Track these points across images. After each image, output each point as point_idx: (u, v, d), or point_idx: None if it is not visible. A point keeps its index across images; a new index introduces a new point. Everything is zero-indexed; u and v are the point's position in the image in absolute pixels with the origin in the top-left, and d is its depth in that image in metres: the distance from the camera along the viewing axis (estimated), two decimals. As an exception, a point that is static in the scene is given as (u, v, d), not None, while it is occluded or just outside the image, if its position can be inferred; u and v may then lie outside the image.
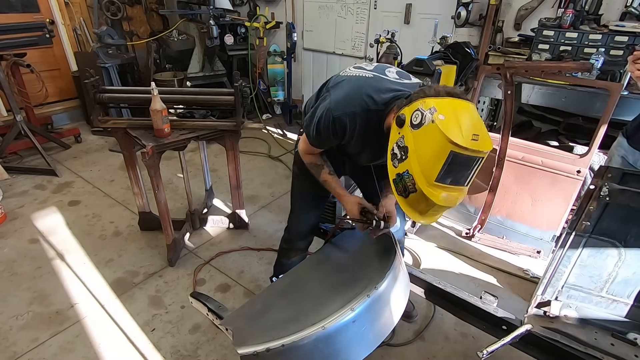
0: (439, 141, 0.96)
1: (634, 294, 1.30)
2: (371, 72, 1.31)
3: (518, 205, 2.45)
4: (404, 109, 1.07)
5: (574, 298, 1.39)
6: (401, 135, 1.07)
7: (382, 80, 1.28)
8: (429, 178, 1.00)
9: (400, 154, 1.07)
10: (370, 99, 1.22)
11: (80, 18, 4.45)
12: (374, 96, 1.22)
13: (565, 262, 1.33)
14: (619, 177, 1.19)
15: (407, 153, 1.04)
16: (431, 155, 0.99)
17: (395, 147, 1.09)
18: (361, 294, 1.17)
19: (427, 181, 1.01)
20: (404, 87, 1.26)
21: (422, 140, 1.01)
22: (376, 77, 1.28)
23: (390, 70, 1.35)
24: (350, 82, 1.30)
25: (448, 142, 0.94)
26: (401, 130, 1.07)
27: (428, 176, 1.00)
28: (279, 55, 4.79)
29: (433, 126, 0.97)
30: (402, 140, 1.06)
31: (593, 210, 1.22)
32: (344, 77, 1.35)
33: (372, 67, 1.37)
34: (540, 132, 3.09)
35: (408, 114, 1.05)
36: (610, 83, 2.12)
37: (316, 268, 1.56)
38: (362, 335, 1.15)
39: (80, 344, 1.84)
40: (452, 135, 0.94)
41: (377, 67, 1.36)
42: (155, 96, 2.00)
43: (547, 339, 1.31)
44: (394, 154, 1.10)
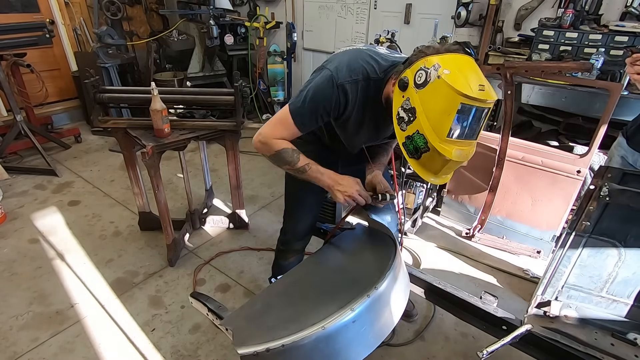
0: (448, 94, 0.97)
1: (634, 294, 1.30)
2: (365, 46, 1.31)
3: (518, 205, 2.45)
4: (406, 72, 1.08)
5: (574, 298, 1.39)
6: (406, 97, 1.07)
7: (377, 53, 1.27)
8: (441, 134, 1.01)
9: (407, 117, 1.07)
10: (370, 66, 1.21)
11: (80, 18, 4.46)
12: (374, 64, 1.21)
13: (565, 262, 1.33)
14: (619, 177, 1.19)
15: (414, 114, 1.05)
16: (441, 110, 0.99)
17: (401, 110, 1.09)
18: (361, 294, 1.17)
19: (439, 138, 1.02)
20: (397, 59, 1.25)
21: (429, 97, 1.01)
22: (369, 49, 1.28)
23: (380, 48, 1.35)
24: (348, 53, 1.28)
25: (457, 94, 0.95)
26: (405, 93, 1.07)
27: (439, 132, 1.01)
28: (279, 55, 4.79)
29: (440, 81, 0.98)
30: (407, 102, 1.06)
31: (593, 210, 1.22)
32: (338, 52, 1.32)
33: (362, 44, 1.36)
34: (540, 132, 3.09)
35: (411, 76, 1.05)
36: (610, 83, 2.12)
37: (316, 268, 1.56)
38: (362, 335, 1.15)
39: (80, 344, 1.84)
40: (460, 86, 0.95)
41: (368, 46, 1.36)
42: (155, 96, 2.00)
43: (547, 339, 1.31)
44: (400, 117, 1.10)
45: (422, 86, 1.02)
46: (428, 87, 1.01)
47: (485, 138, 2.46)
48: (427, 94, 1.02)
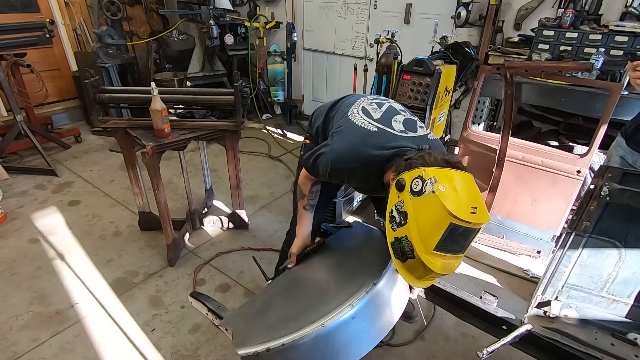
0: (439, 212, 0.97)
1: (634, 293, 1.30)
2: (376, 125, 1.31)
3: (518, 205, 2.45)
4: (405, 174, 1.08)
5: (574, 298, 1.39)
6: (400, 199, 1.08)
7: (385, 134, 1.28)
8: (428, 246, 1.01)
9: (399, 219, 1.08)
10: (370, 155, 1.24)
11: (80, 18, 4.45)
12: (375, 153, 1.23)
13: (566, 262, 1.34)
14: (619, 177, 1.19)
15: (406, 219, 1.05)
16: (431, 225, 1.00)
17: (395, 210, 1.09)
18: (360, 290, 1.17)
19: (425, 249, 1.02)
20: (408, 142, 1.26)
21: (422, 208, 1.02)
22: (380, 132, 1.28)
23: (397, 119, 1.35)
24: (353, 133, 1.31)
25: (448, 214, 0.96)
26: (401, 195, 1.08)
27: (427, 244, 1.01)
28: (279, 55, 4.79)
29: (433, 197, 0.99)
30: (401, 204, 1.07)
31: (593, 210, 1.22)
32: (349, 123, 1.35)
33: (380, 114, 1.36)
34: (540, 132, 3.10)
35: (408, 180, 1.06)
36: (610, 83, 2.12)
37: (314, 267, 1.56)
38: (362, 332, 1.15)
39: (80, 344, 1.84)
40: (452, 208, 0.95)
41: (384, 116, 1.35)
42: (155, 96, 2.00)
43: (547, 339, 1.31)
44: (392, 217, 1.11)
45: (417, 195, 1.03)
46: (422, 198, 1.02)
47: (485, 138, 2.46)
48: (420, 204, 1.02)
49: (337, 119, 1.46)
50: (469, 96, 3.46)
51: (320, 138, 1.61)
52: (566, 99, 2.42)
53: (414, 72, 2.38)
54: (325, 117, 1.57)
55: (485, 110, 3.18)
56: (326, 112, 1.58)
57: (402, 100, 2.42)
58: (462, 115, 3.32)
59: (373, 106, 1.41)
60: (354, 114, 1.39)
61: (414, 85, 2.39)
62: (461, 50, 2.69)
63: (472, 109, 2.46)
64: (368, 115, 1.36)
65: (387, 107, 1.41)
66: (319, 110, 1.66)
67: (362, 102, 1.44)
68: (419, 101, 2.37)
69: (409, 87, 2.40)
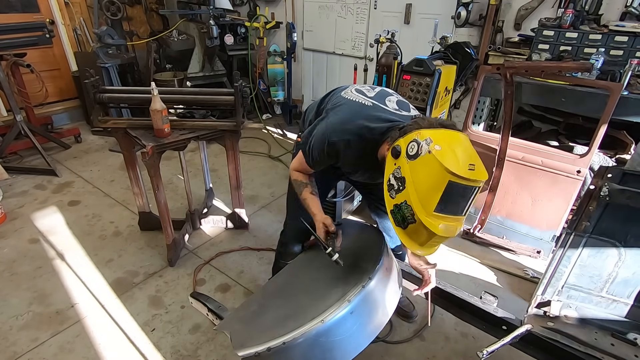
0: (437, 171, 0.97)
1: (634, 294, 1.30)
2: (371, 100, 1.32)
3: (518, 205, 2.45)
4: (399, 140, 1.08)
5: (574, 298, 1.39)
6: (397, 166, 1.07)
7: (380, 109, 1.29)
8: (428, 208, 1.00)
9: (397, 185, 1.07)
10: (366, 127, 1.23)
11: (80, 18, 4.45)
12: (370, 125, 1.23)
13: (565, 262, 1.34)
14: (619, 177, 1.19)
15: (404, 184, 1.05)
16: (429, 185, 0.99)
17: (392, 177, 1.09)
18: (356, 285, 1.19)
19: (425, 211, 1.01)
20: (402, 118, 1.27)
21: (419, 170, 1.01)
22: (375, 106, 1.29)
23: (390, 99, 1.36)
24: (348, 106, 1.32)
25: (446, 171, 0.95)
26: (397, 161, 1.07)
27: (427, 206, 1.00)
28: (279, 55, 4.79)
29: (430, 156, 0.98)
30: (398, 171, 1.07)
31: (593, 211, 1.22)
32: (344, 99, 1.36)
33: (373, 93, 1.37)
34: (540, 132, 3.09)
35: (404, 145, 1.06)
36: (610, 83, 2.12)
37: (308, 265, 1.57)
38: (360, 326, 1.16)
39: (81, 344, 1.84)
40: (450, 165, 0.95)
41: (378, 95, 1.37)
42: (155, 96, 2.00)
43: (547, 339, 1.31)
44: (390, 184, 1.10)
45: (414, 158, 1.02)
46: (419, 160, 1.01)
47: (485, 138, 2.46)
48: (417, 166, 1.02)
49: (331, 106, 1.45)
50: (469, 96, 3.46)
51: None
52: (566, 99, 2.41)
53: (414, 72, 2.38)
54: (317, 110, 1.57)
55: (485, 110, 3.18)
56: (317, 106, 1.58)
57: (402, 100, 2.42)
58: (462, 115, 3.32)
59: (366, 87, 1.43)
60: (348, 93, 1.40)
61: (414, 85, 2.39)
62: (461, 50, 2.69)
63: (472, 109, 2.46)
64: (362, 93, 1.37)
65: (380, 89, 1.44)
66: (311, 107, 1.67)
67: (355, 86, 1.46)
68: (419, 101, 2.37)
69: (409, 87, 2.40)
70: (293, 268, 1.57)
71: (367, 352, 1.19)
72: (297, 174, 1.50)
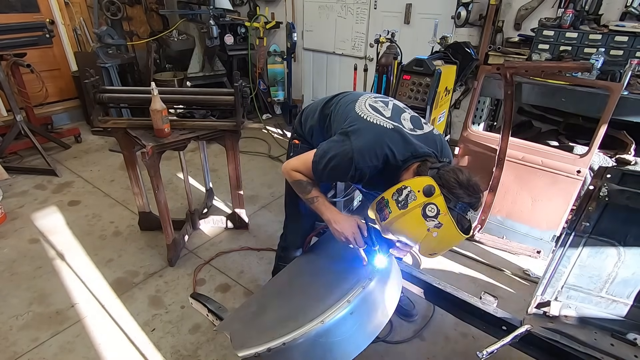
0: (416, 230, 1.12)
1: (634, 294, 1.30)
2: (390, 122, 1.30)
3: (518, 205, 2.45)
4: (435, 195, 1.09)
5: (573, 298, 1.39)
6: (425, 202, 1.10)
7: (401, 132, 1.29)
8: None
9: (431, 216, 1.11)
10: (391, 153, 1.25)
11: (80, 18, 4.45)
12: (395, 151, 1.25)
13: (565, 263, 1.34)
14: (618, 177, 1.19)
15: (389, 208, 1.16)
16: (406, 228, 1.15)
17: (427, 208, 1.10)
18: (356, 286, 1.19)
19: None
20: (419, 140, 1.30)
21: (406, 217, 1.12)
22: (396, 129, 1.29)
23: (405, 117, 1.36)
24: (371, 131, 1.28)
25: (415, 239, 1.14)
26: (428, 199, 1.09)
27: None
28: (279, 55, 4.79)
29: (419, 218, 1.10)
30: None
31: (592, 211, 1.22)
32: (362, 120, 1.32)
33: (389, 112, 1.36)
34: (540, 132, 3.09)
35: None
36: (610, 83, 2.12)
37: (308, 265, 1.57)
38: (360, 327, 1.17)
39: (81, 344, 1.85)
40: (424, 245, 1.14)
41: (394, 114, 1.36)
42: (155, 96, 2.00)
43: (547, 340, 1.31)
44: (425, 215, 1.12)
45: (404, 207, 1.12)
46: (409, 210, 1.11)
47: (485, 138, 2.46)
48: (406, 214, 1.12)
49: (340, 117, 1.41)
50: (469, 96, 3.46)
51: (315, 137, 1.56)
52: (566, 99, 2.41)
53: (414, 72, 2.38)
54: (319, 115, 1.54)
55: (485, 110, 3.18)
56: (320, 110, 1.54)
57: (402, 100, 2.41)
58: (462, 115, 3.32)
59: (380, 104, 1.40)
60: (363, 111, 1.35)
61: (414, 85, 2.39)
62: (461, 50, 2.69)
63: (472, 109, 2.46)
64: (379, 112, 1.35)
65: (393, 105, 1.42)
66: (310, 109, 1.63)
67: (366, 99, 1.42)
68: (419, 101, 2.37)
69: (409, 87, 2.40)
70: (293, 268, 1.57)
71: (367, 352, 1.19)
72: (299, 174, 1.43)
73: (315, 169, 1.32)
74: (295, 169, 1.41)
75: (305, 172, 1.38)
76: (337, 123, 1.41)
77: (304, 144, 1.64)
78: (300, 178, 1.40)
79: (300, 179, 1.41)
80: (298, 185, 1.42)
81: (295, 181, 1.42)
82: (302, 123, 1.64)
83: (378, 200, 1.20)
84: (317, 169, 1.32)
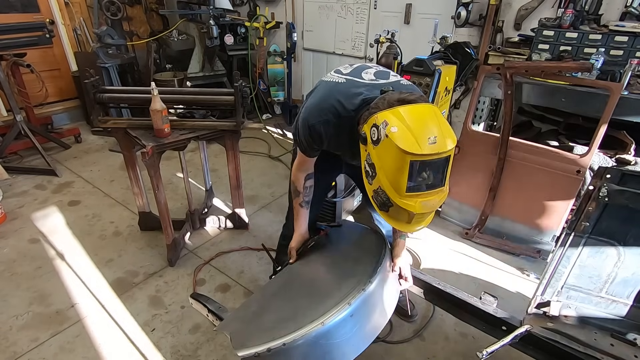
0: (396, 154, 0.96)
1: (634, 294, 1.30)
2: (345, 77, 1.29)
3: (518, 205, 2.45)
4: (364, 126, 1.08)
5: (573, 298, 1.39)
6: (367, 152, 1.08)
7: (354, 83, 1.26)
8: (400, 191, 1.01)
9: (371, 171, 1.08)
10: (339, 104, 1.22)
11: (80, 18, 4.45)
12: (344, 102, 1.21)
13: (565, 263, 1.34)
14: (618, 177, 1.19)
15: (375, 170, 1.06)
16: (394, 169, 0.99)
17: (366, 164, 1.10)
18: (356, 288, 1.19)
19: (399, 194, 1.01)
20: (376, 88, 1.22)
21: (383, 155, 1.02)
22: (349, 82, 1.27)
23: (368, 71, 1.32)
24: (323, 87, 1.32)
25: (403, 153, 0.94)
26: (366, 147, 1.08)
27: (398, 189, 1.01)
28: (279, 55, 4.79)
29: (387, 140, 0.98)
30: (369, 157, 1.08)
31: (592, 211, 1.22)
32: (321, 82, 1.37)
33: (350, 69, 1.35)
34: (540, 132, 3.09)
35: (367, 131, 1.06)
36: (610, 83, 2.12)
37: (308, 266, 1.57)
38: (360, 328, 1.17)
39: (81, 344, 1.85)
40: (405, 145, 0.94)
41: (354, 70, 1.34)
42: (155, 96, 2.00)
43: (547, 340, 1.31)
44: (366, 171, 1.11)
45: (376, 143, 1.03)
46: (380, 145, 1.01)
47: (485, 138, 2.46)
48: (380, 151, 1.02)
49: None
50: (469, 96, 3.46)
51: None
52: (566, 99, 2.41)
53: (414, 72, 2.38)
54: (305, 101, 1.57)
55: (485, 110, 3.18)
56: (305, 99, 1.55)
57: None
58: (462, 115, 3.31)
59: (345, 66, 1.40)
60: (326, 76, 1.38)
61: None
62: (461, 50, 2.69)
63: (472, 109, 2.46)
64: (339, 72, 1.35)
65: (359, 64, 1.39)
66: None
67: (335, 68, 1.43)
68: (419, 101, 2.37)
69: (408, 87, 2.40)
70: (293, 269, 1.57)
71: (367, 352, 1.19)
72: (296, 175, 1.50)
73: (299, 148, 1.39)
74: (295, 165, 1.50)
75: (300, 158, 1.45)
76: None
77: None
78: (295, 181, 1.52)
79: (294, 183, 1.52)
80: (292, 189, 1.56)
81: (292, 184, 1.55)
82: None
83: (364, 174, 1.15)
84: (296, 142, 1.38)
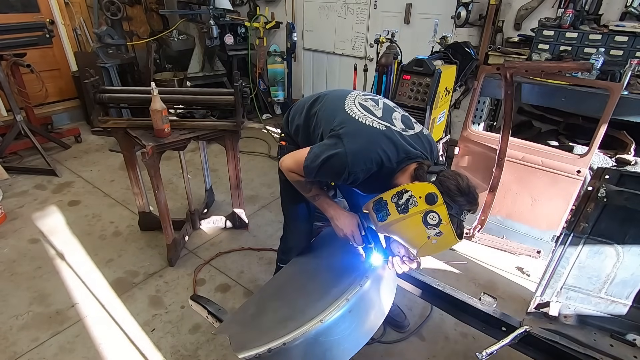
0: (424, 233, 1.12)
1: (633, 294, 1.30)
2: (382, 123, 1.27)
3: (518, 205, 2.45)
4: (437, 204, 1.09)
5: (572, 299, 1.39)
6: (424, 210, 1.10)
7: (394, 134, 1.26)
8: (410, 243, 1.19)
9: (402, 208, 1.14)
10: (386, 156, 1.23)
11: (80, 18, 4.46)
12: (389, 153, 1.23)
13: (564, 263, 1.34)
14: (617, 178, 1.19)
15: (390, 216, 1.18)
16: (414, 236, 1.16)
17: (428, 216, 1.11)
18: (354, 284, 1.20)
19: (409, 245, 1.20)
20: (411, 140, 1.28)
21: (410, 224, 1.13)
22: (388, 130, 1.26)
23: (395, 117, 1.33)
24: (364, 134, 1.25)
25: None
26: (429, 207, 1.09)
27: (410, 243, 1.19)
28: (279, 55, 4.79)
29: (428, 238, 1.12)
30: (432, 215, 1.11)
31: (591, 212, 1.22)
32: (354, 121, 1.28)
33: (380, 112, 1.33)
34: (540, 132, 3.09)
35: (437, 210, 1.10)
36: (610, 83, 2.12)
37: (305, 265, 1.58)
38: (359, 324, 1.18)
39: (81, 344, 1.85)
40: (449, 242, 1.12)
41: (385, 113, 1.33)
42: (155, 96, 2.00)
43: (546, 340, 1.31)
44: (426, 222, 1.13)
45: (427, 225, 1.11)
46: (412, 217, 1.12)
47: (485, 138, 2.46)
48: (409, 221, 1.14)
49: (328, 116, 1.36)
50: (469, 96, 3.45)
51: (301, 137, 1.50)
52: (566, 99, 2.41)
53: (414, 72, 2.38)
54: (306, 114, 1.48)
55: (485, 110, 3.18)
56: (306, 109, 1.48)
57: (402, 100, 2.42)
58: (462, 115, 3.31)
59: (370, 102, 1.37)
60: (353, 110, 1.31)
61: (414, 85, 2.39)
62: (461, 50, 2.69)
63: (472, 109, 2.46)
64: (370, 112, 1.31)
65: (383, 104, 1.39)
66: (296, 108, 1.56)
67: (355, 97, 1.39)
68: (419, 101, 2.37)
69: (409, 87, 2.41)
70: (290, 268, 1.57)
71: (368, 352, 1.20)
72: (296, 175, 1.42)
73: (307, 173, 1.31)
74: (290, 169, 1.40)
75: (299, 172, 1.36)
76: (325, 122, 1.36)
77: (290, 144, 1.58)
78: (299, 179, 1.40)
79: (299, 180, 1.40)
80: (298, 184, 1.43)
81: (296, 181, 1.43)
82: (289, 122, 1.58)
83: (376, 200, 1.20)
84: (308, 173, 1.30)
